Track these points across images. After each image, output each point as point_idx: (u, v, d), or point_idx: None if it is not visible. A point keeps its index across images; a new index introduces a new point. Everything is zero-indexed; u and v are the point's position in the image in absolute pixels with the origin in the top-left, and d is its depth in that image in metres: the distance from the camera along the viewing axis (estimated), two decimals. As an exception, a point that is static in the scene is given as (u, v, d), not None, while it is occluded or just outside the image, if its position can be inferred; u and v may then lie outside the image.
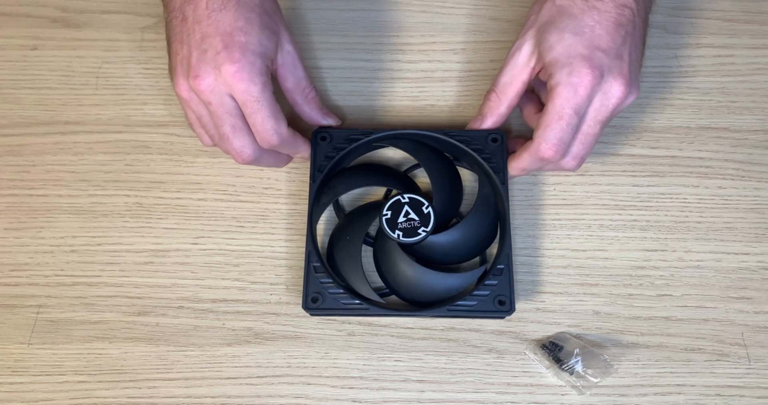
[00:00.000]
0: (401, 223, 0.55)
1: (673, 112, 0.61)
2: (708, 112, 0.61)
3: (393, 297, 0.57)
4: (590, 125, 0.53)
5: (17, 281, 0.58)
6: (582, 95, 0.52)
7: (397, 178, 0.59)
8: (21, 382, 0.56)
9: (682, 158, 0.61)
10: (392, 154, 0.61)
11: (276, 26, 0.54)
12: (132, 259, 0.59)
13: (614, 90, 0.52)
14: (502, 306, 0.54)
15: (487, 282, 0.54)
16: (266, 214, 0.60)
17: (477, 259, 0.58)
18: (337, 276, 0.56)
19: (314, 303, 0.54)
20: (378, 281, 0.57)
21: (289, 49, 0.55)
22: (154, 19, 0.64)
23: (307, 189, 0.58)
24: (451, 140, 0.57)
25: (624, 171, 0.60)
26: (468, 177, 0.61)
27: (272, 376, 0.56)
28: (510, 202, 0.57)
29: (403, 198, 0.56)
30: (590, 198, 0.60)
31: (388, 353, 0.57)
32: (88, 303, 0.58)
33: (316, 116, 0.58)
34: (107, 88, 0.62)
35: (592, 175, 0.60)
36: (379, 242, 0.57)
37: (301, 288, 0.58)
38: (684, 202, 0.60)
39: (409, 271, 0.56)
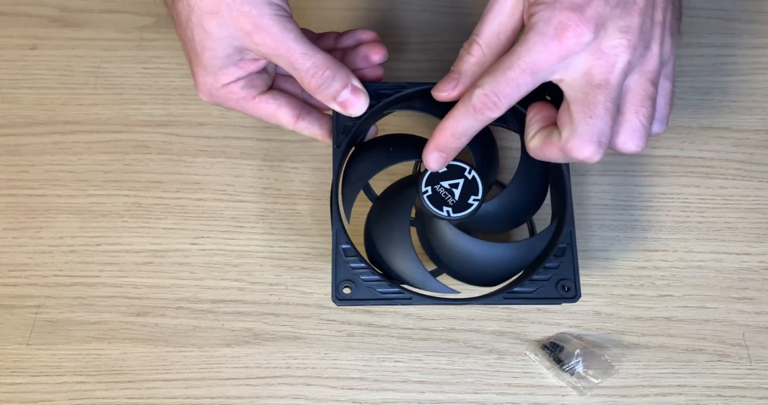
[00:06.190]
0: (446, 197, 0.48)
1: (673, 112, 0.61)
2: (709, 111, 0.61)
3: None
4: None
5: (16, 281, 0.58)
6: None
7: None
8: (20, 383, 0.56)
9: (683, 158, 0.60)
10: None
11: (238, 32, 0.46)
12: (131, 260, 0.58)
13: None
14: (566, 292, 0.48)
15: (547, 264, 0.48)
16: (266, 214, 0.59)
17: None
18: (384, 267, 0.49)
19: (346, 292, 0.46)
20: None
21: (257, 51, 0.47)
22: (153, 19, 0.63)
23: (307, 189, 0.58)
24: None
25: (625, 171, 0.60)
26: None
27: (271, 376, 0.56)
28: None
29: None
30: (590, 198, 0.60)
31: (388, 354, 0.56)
32: (87, 303, 0.57)
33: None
34: (106, 88, 0.62)
35: (592, 175, 0.60)
36: (421, 220, 0.51)
37: (301, 288, 0.58)
38: (685, 202, 0.60)
39: (466, 246, 0.49)
